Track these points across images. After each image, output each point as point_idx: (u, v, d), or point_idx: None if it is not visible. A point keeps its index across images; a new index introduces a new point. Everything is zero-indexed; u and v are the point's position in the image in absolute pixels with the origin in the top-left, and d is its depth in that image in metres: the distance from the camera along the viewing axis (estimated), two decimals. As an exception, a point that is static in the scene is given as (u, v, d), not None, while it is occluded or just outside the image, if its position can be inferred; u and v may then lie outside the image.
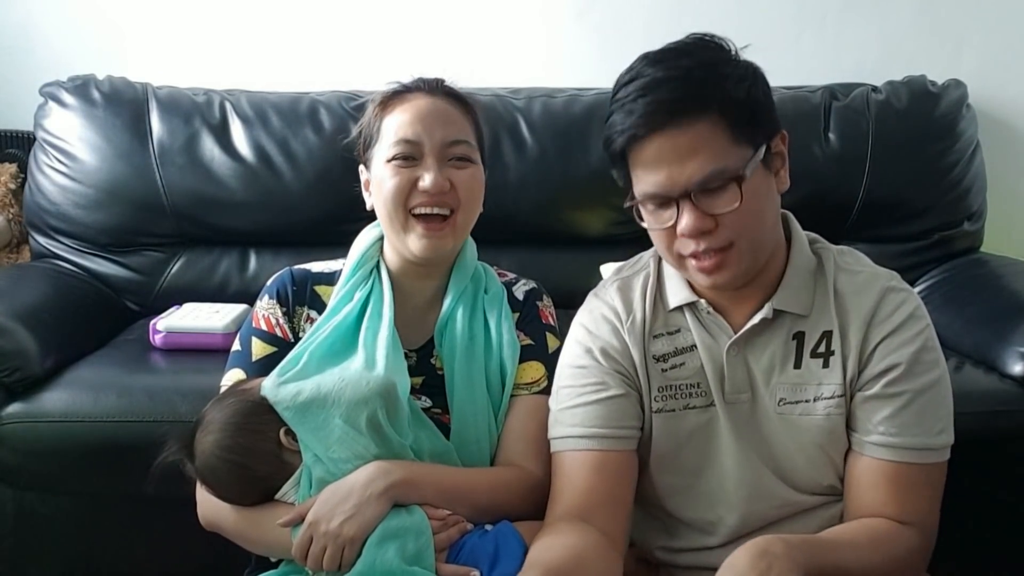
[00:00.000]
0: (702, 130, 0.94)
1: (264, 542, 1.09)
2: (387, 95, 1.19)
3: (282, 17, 2.20)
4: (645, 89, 0.96)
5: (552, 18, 2.22)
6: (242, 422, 1.06)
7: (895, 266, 1.95)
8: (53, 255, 1.96)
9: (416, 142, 1.13)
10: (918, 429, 1.01)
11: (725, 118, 0.95)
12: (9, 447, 1.46)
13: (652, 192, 0.97)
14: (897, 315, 1.03)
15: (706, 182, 0.94)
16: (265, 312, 1.20)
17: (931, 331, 1.05)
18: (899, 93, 2.04)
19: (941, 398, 1.04)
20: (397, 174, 1.13)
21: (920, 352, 1.02)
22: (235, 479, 1.07)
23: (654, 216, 1.00)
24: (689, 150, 0.94)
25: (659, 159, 0.96)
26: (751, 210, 0.96)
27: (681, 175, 0.95)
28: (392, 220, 1.15)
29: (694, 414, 1.07)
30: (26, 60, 2.17)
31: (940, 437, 1.03)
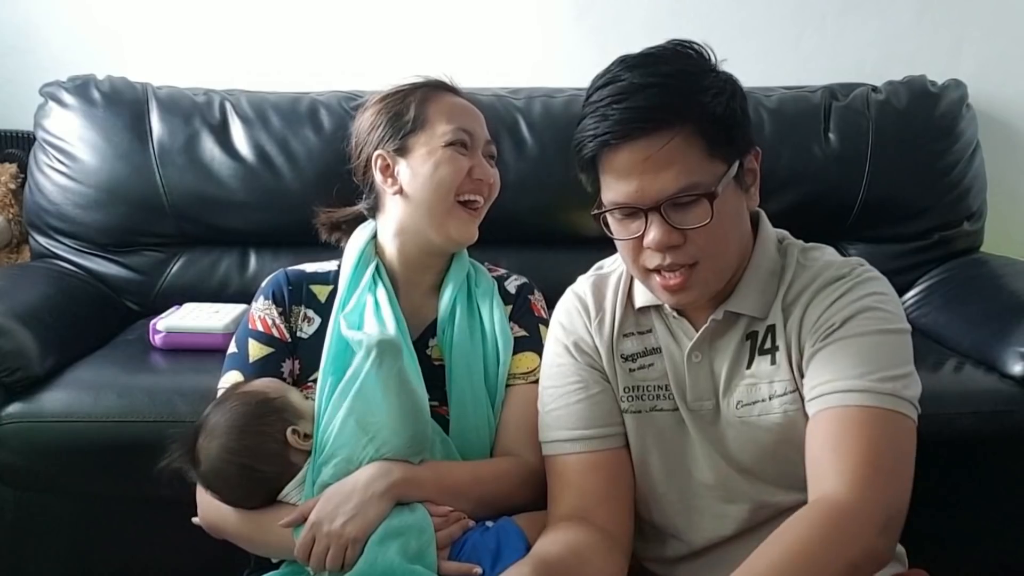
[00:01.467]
0: (677, 142, 0.91)
1: (266, 543, 1.09)
2: (428, 84, 1.23)
3: (282, 17, 2.20)
4: (621, 95, 0.93)
5: (552, 18, 2.22)
6: (247, 425, 1.06)
7: (895, 266, 1.99)
8: (53, 255, 1.96)
9: (472, 133, 1.19)
10: (858, 370, 0.91)
11: (701, 132, 0.92)
12: (9, 447, 1.46)
13: (621, 202, 0.95)
14: (837, 291, 0.97)
15: (677, 196, 0.92)
16: (261, 313, 1.20)
17: (884, 299, 0.97)
18: (899, 93, 2.04)
19: (893, 346, 0.94)
20: (457, 160, 1.17)
21: (863, 311, 0.95)
22: (243, 481, 1.07)
23: (621, 226, 0.98)
24: (663, 162, 0.92)
25: (631, 169, 0.93)
26: (720, 228, 0.94)
27: (652, 187, 0.92)
28: (435, 205, 1.17)
29: (662, 416, 1.06)
30: (26, 60, 2.17)
31: (890, 383, 0.90)
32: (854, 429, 0.89)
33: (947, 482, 1.55)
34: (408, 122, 1.19)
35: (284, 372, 1.18)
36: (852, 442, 0.88)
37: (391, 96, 1.23)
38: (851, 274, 0.98)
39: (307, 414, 1.10)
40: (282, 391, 1.11)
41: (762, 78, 2.06)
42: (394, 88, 1.24)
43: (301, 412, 1.10)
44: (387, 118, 1.21)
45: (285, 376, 1.18)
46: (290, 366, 1.19)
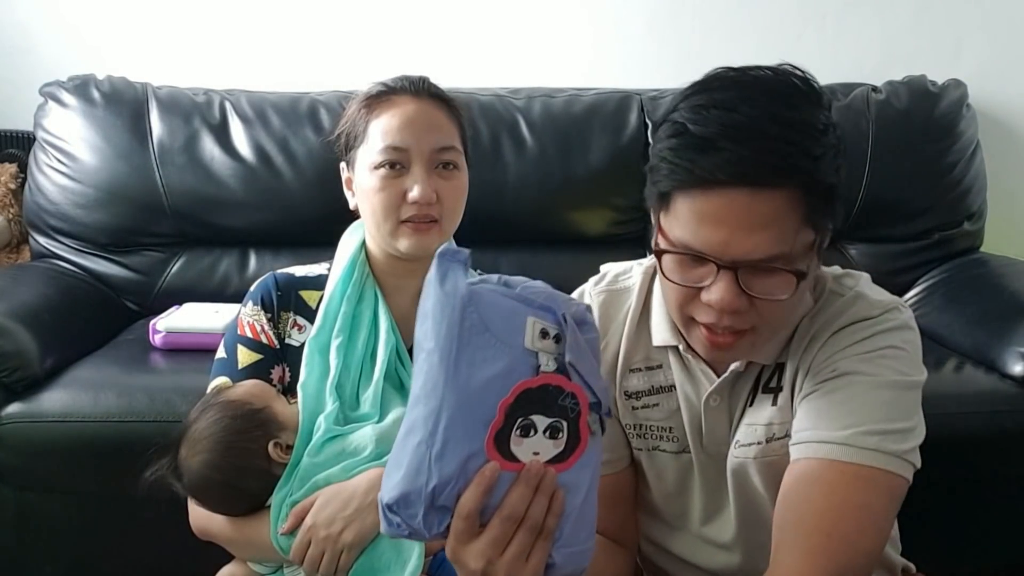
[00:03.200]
0: (780, 204, 0.78)
1: (256, 548, 1.08)
2: (372, 96, 1.16)
3: (282, 17, 2.20)
4: (736, 130, 0.78)
5: (552, 18, 2.22)
6: (231, 440, 1.03)
7: (895, 266, 2.00)
8: (53, 255, 1.96)
9: (404, 149, 1.11)
10: (842, 422, 0.83)
11: (807, 197, 0.79)
12: (9, 447, 1.46)
13: (698, 249, 0.81)
14: (856, 335, 0.87)
15: (764, 262, 0.79)
16: (250, 319, 1.18)
17: (903, 353, 0.87)
18: (899, 93, 2.04)
19: (894, 399, 0.85)
20: (385, 186, 1.11)
21: (873, 360, 0.86)
22: (227, 495, 1.05)
23: (682, 269, 0.84)
24: (760, 223, 0.78)
25: (723, 219, 0.79)
26: (792, 303, 0.84)
27: (741, 246, 0.79)
28: (380, 224, 1.13)
29: (663, 458, 0.99)
30: (26, 60, 2.17)
31: (875, 438, 0.82)
32: (817, 487, 0.82)
33: (947, 482, 1.55)
34: (354, 136, 1.16)
35: (273, 379, 1.16)
36: (813, 504, 0.82)
37: (355, 102, 1.19)
38: (879, 318, 0.88)
39: (290, 424, 1.08)
40: (267, 399, 1.09)
41: (762, 78, 2.06)
42: (364, 92, 1.19)
43: (284, 422, 1.08)
44: (346, 128, 1.18)
45: (274, 383, 1.16)
46: (279, 373, 1.17)
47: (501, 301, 0.72)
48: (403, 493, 0.69)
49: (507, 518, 0.69)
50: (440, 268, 0.72)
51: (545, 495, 0.70)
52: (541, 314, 0.71)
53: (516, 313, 0.71)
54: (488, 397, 0.69)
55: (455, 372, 0.69)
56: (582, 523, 0.72)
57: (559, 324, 0.71)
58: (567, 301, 0.75)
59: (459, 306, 0.70)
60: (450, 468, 0.68)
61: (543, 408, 0.70)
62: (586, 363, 0.71)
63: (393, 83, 1.17)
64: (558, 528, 0.71)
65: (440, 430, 0.68)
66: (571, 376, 0.71)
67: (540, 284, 0.75)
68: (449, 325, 0.70)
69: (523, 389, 0.69)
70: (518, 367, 0.70)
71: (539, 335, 0.71)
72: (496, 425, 0.69)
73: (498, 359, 0.70)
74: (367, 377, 1.13)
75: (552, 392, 0.70)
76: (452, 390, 0.69)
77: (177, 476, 1.05)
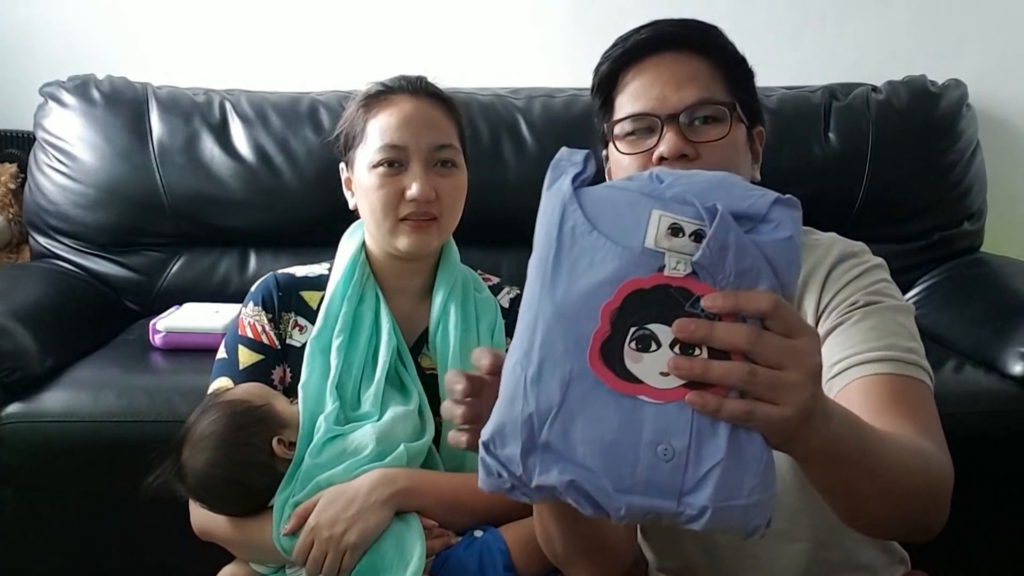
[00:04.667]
0: (701, 65, 0.96)
1: (257, 548, 1.08)
2: (370, 95, 1.16)
3: (282, 17, 2.20)
4: (646, 26, 0.99)
5: (552, 18, 2.22)
6: (233, 437, 1.03)
7: (895, 266, 1.95)
8: (53, 255, 1.96)
9: (402, 147, 1.11)
10: (884, 342, 0.88)
11: (724, 67, 0.97)
12: (9, 447, 1.46)
13: (638, 110, 0.95)
14: (853, 271, 0.95)
15: (697, 105, 0.94)
16: (251, 319, 1.17)
17: (893, 287, 0.96)
18: (899, 93, 2.04)
19: (909, 323, 0.93)
20: (384, 184, 1.11)
21: (879, 294, 0.93)
22: (231, 493, 1.05)
23: (633, 145, 0.96)
24: (685, 78, 0.95)
25: (654, 80, 0.95)
26: (733, 151, 0.95)
27: (673, 96, 0.94)
28: (379, 223, 1.13)
29: None
30: (26, 60, 2.17)
31: (913, 355, 0.89)
32: (898, 395, 0.85)
33: (947, 482, 1.55)
34: (352, 136, 1.17)
35: (274, 379, 1.16)
36: (916, 405, 0.86)
37: (354, 102, 1.19)
38: (862, 256, 0.97)
39: (292, 422, 1.08)
40: (266, 397, 1.09)
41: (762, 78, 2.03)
42: (362, 92, 1.19)
43: (286, 420, 1.08)
44: (344, 128, 1.19)
45: (276, 383, 1.16)
46: (280, 373, 1.17)
47: (617, 195, 0.60)
48: (498, 425, 0.58)
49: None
50: (551, 175, 0.63)
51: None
52: (675, 207, 0.58)
53: (636, 207, 0.58)
54: (593, 305, 0.57)
55: (553, 280, 0.58)
56: (742, 467, 0.55)
57: (701, 218, 0.57)
58: (743, 192, 0.60)
59: (559, 205, 0.60)
60: (550, 392, 0.57)
61: (665, 315, 0.56)
62: (734, 264, 0.56)
63: (391, 83, 1.17)
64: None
65: (536, 347, 0.57)
66: (703, 279, 0.56)
67: (711, 174, 0.62)
68: (548, 228, 0.60)
69: (633, 291, 0.56)
70: (634, 271, 0.57)
71: (667, 232, 0.57)
72: (601, 333, 0.56)
73: (607, 262, 0.57)
74: (368, 377, 1.13)
75: (674, 295, 0.56)
76: (548, 299, 0.58)
77: (180, 479, 1.05)
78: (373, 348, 1.15)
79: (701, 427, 0.55)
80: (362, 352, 1.14)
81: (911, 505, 0.75)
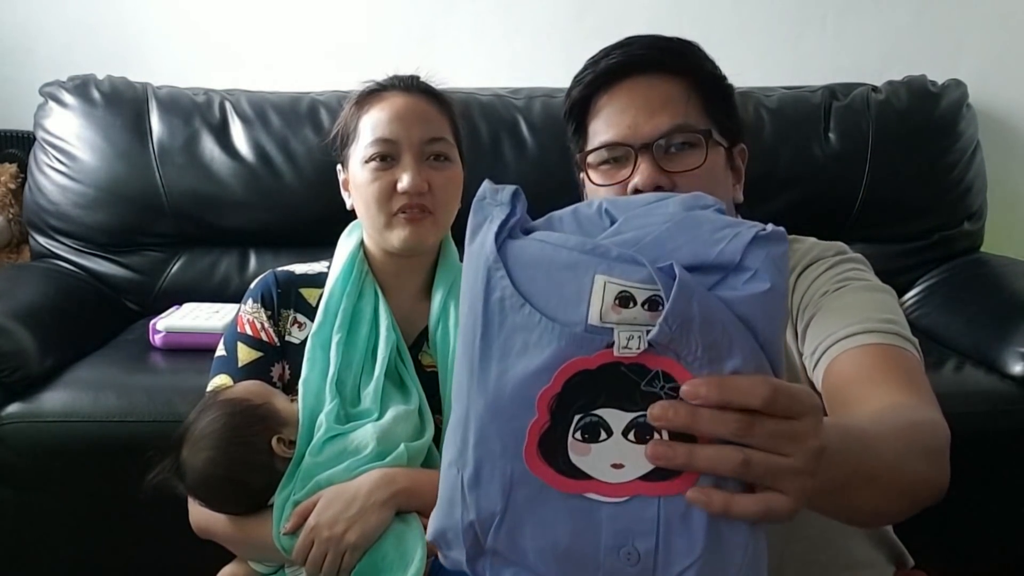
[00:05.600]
0: (676, 88, 0.92)
1: (257, 548, 1.08)
2: (363, 94, 1.17)
3: (282, 17, 2.20)
4: (618, 47, 0.94)
5: (552, 18, 2.22)
6: (233, 435, 1.03)
7: (895, 266, 1.99)
8: (53, 255, 1.96)
9: (394, 141, 1.11)
10: (859, 316, 0.85)
11: (700, 87, 0.93)
12: (9, 447, 1.46)
13: (611, 140, 0.92)
14: (823, 266, 0.93)
15: (672, 133, 0.90)
16: (250, 316, 1.18)
17: (869, 273, 0.93)
18: (899, 93, 2.04)
19: (885, 300, 0.89)
20: (376, 178, 1.11)
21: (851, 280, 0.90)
22: (231, 492, 1.05)
23: (606, 176, 0.93)
24: (659, 103, 0.91)
25: (625, 108, 0.92)
26: (711, 179, 0.90)
27: (647, 124, 0.90)
28: (374, 219, 1.13)
29: None
30: (26, 60, 2.17)
31: (892, 325, 0.84)
32: (885, 362, 0.81)
33: (947, 482, 1.55)
34: (346, 135, 1.17)
35: (273, 376, 1.16)
36: (890, 373, 0.80)
37: (348, 102, 1.20)
38: (836, 254, 0.96)
39: (291, 420, 1.08)
40: (266, 396, 1.09)
41: (762, 78, 2.06)
42: (350, 94, 1.20)
43: (285, 418, 1.08)
44: (339, 128, 1.19)
45: (275, 380, 1.16)
46: (279, 371, 1.17)
47: (552, 256, 0.50)
48: (439, 530, 0.52)
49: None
50: (474, 220, 0.53)
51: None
52: (622, 269, 0.47)
53: (576, 271, 0.48)
54: (530, 396, 0.48)
55: (482, 366, 0.49)
56: (724, 562, 0.48)
57: (654, 282, 0.47)
58: (710, 234, 0.49)
59: (483, 271, 0.50)
60: (490, 498, 0.49)
61: (617, 398, 0.47)
62: (701, 338, 0.47)
63: (384, 81, 1.18)
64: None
65: (471, 447, 0.50)
66: (662, 353, 0.47)
67: (671, 210, 0.52)
68: (472, 299, 0.51)
69: (576, 372, 0.47)
70: (577, 351, 0.48)
71: (614, 303, 0.47)
72: (539, 425, 0.48)
73: (544, 344, 0.48)
74: (368, 374, 1.13)
75: (627, 373, 0.47)
76: (479, 390, 0.50)
77: (180, 477, 1.05)
78: (372, 344, 1.15)
79: (670, 523, 0.47)
80: (361, 348, 1.14)
81: (914, 491, 0.72)
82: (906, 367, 0.82)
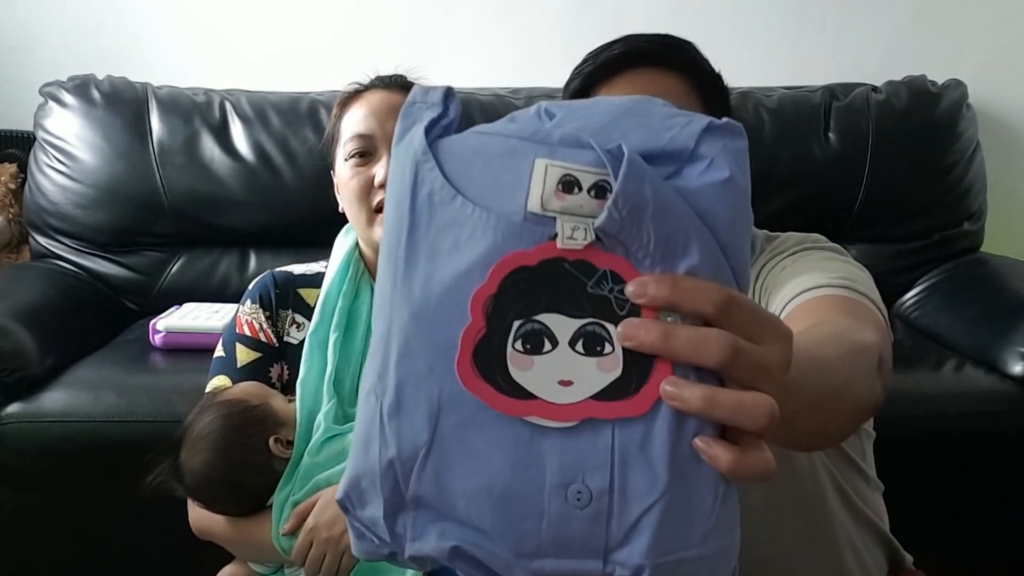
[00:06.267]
0: (675, 83, 0.92)
1: (257, 548, 1.08)
2: (346, 95, 1.19)
3: (282, 17, 2.20)
4: (620, 41, 0.95)
5: (552, 18, 2.22)
6: (230, 437, 1.03)
7: (895, 266, 2.00)
8: (53, 255, 1.96)
9: (369, 135, 1.12)
10: (812, 275, 0.82)
11: (699, 86, 0.93)
12: (9, 447, 1.46)
13: None
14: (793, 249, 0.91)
15: None
16: (248, 317, 1.18)
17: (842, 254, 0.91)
18: (899, 93, 2.04)
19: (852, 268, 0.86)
20: (355, 174, 1.12)
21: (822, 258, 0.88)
22: (229, 494, 1.05)
23: None
24: (660, 95, 0.88)
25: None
26: None
27: None
28: (356, 217, 1.14)
29: None
30: (26, 60, 2.17)
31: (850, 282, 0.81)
32: (832, 303, 0.77)
33: (947, 482, 1.55)
34: (331, 137, 1.19)
35: (272, 377, 1.16)
36: (834, 309, 0.76)
37: (334, 105, 1.21)
38: (812, 240, 0.95)
39: (289, 420, 1.08)
40: (263, 396, 1.09)
41: (762, 78, 2.06)
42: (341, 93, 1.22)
43: (283, 419, 1.08)
44: (328, 131, 1.21)
45: (273, 381, 1.16)
46: (278, 371, 1.17)
47: (489, 144, 0.44)
48: (352, 478, 0.43)
49: None
50: (401, 125, 0.46)
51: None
52: (567, 153, 0.42)
53: (515, 157, 0.42)
54: (463, 299, 0.40)
55: (408, 271, 0.42)
56: (690, 504, 0.40)
57: (602, 165, 0.41)
58: (662, 120, 0.44)
59: (411, 166, 0.44)
60: (414, 427, 0.41)
61: (561, 301, 0.40)
62: (653, 228, 0.40)
63: (367, 82, 1.20)
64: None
65: (391, 367, 0.41)
66: (611, 248, 0.40)
67: (618, 100, 0.46)
68: (398, 198, 0.43)
69: (513, 269, 0.40)
70: (515, 245, 0.41)
71: (557, 188, 0.41)
72: (473, 332, 0.40)
73: (478, 238, 0.41)
74: None
75: (572, 272, 0.40)
76: (404, 298, 0.42)
77: (178, 479, 1.05)
78: (369, 343, 1.15)
79: (626, 454, 0.39)
80: (359, 347, 1.14)
81: (856, 413, 0.66)
82: (854, 308, 0.77)
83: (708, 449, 0.39)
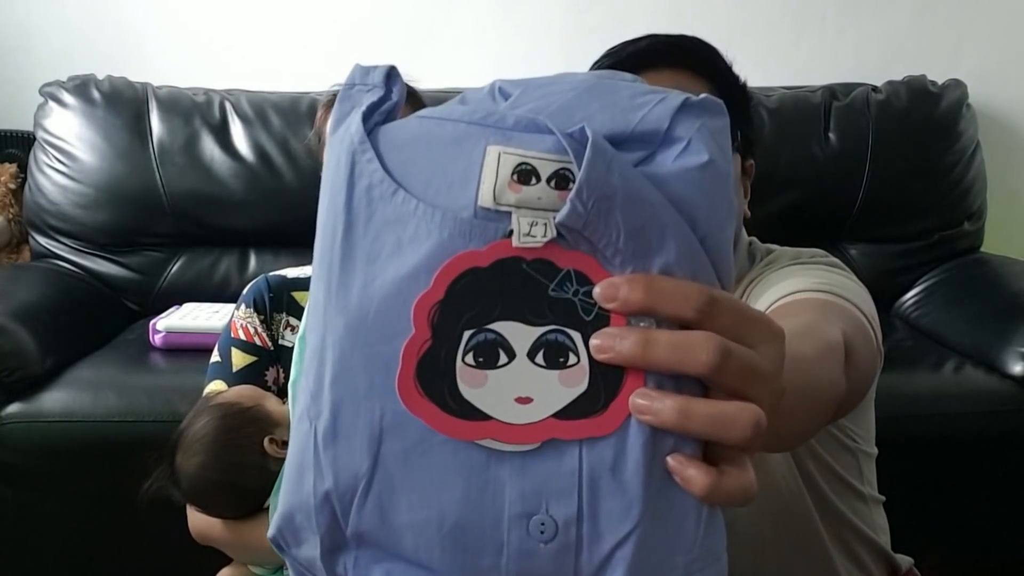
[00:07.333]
0: (700, 87, 0.87)
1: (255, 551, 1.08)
2: (331, 96, 1.19)
3: (282, 17, 2.20)
4: (637, 39, 0.91)
5: (552, 18, 2.22)
6: (224, 439, 1.03)
7: (895, 266, 2.00)
8: (53, 255, 1.96)
9: None
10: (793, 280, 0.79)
11: (723, 92, 0.89)
12: (9, 447, 1.46)
13: None
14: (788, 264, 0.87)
15: None
16: (243, 321, 1.19)
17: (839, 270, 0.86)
18: (899, 93, 2.04)
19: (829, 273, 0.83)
20: None
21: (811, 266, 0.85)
22: (225, 496, 1.05)
23: None
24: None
25: None
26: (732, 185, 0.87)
27: None
28: None
29: None
30: (26, 60, 2.17)
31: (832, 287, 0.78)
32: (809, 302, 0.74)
33: (947, 482, 1.55)
34: (319, 137, 1.20)
35: (268, 380, 1.17)
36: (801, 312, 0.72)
37: (319, 109, 1.23)
38: (808, 255, 0.91)
39: (283, 421, 1.08)
40: (257, 398, 1.09)
41: (762, 78, 2.06)
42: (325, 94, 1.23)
43: (277, 420, 1.08)
44: (315, 130, 1.23)
45: (269, 384, 1.16)
46: (274, 374, 1.17)
47: (434, 130, 0.38)
48: (285, 513, 0.38)
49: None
50: (338, 110, 0.41)
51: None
52: (522, 138, 0.36)
53: (464, 144, 0.37)
54: (402, 310, 0.35)
55: (343, 277, 0.37)
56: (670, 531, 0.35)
57: (563, 152, 0.35)
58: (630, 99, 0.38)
59: (347, 157, 0.39)
60: (353, 455, 0.35)
61: (518, 307, 0.35)
62: (623, 221, 0.35)
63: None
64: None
65: (326, 387, 0.36)
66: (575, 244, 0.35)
67: (581, 76, 0.42)
68: (332, 193, 0.39)
69: (464, 271, 0.35)
70: (465, 244, 0.35)
71: (511, 179, 0.35)
72: (416, 344, 0.35)
73: (422, 237, 0.36)
74: None
75: (530, 272, 0.35)
76: (339, 309, 0.36)
77: (175, 483, 1.05)
78: None
79: (595, 478, 0.34)
80: None
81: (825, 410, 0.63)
82: (823, 305, 0.74)
83: (681, 470, 0.34)
